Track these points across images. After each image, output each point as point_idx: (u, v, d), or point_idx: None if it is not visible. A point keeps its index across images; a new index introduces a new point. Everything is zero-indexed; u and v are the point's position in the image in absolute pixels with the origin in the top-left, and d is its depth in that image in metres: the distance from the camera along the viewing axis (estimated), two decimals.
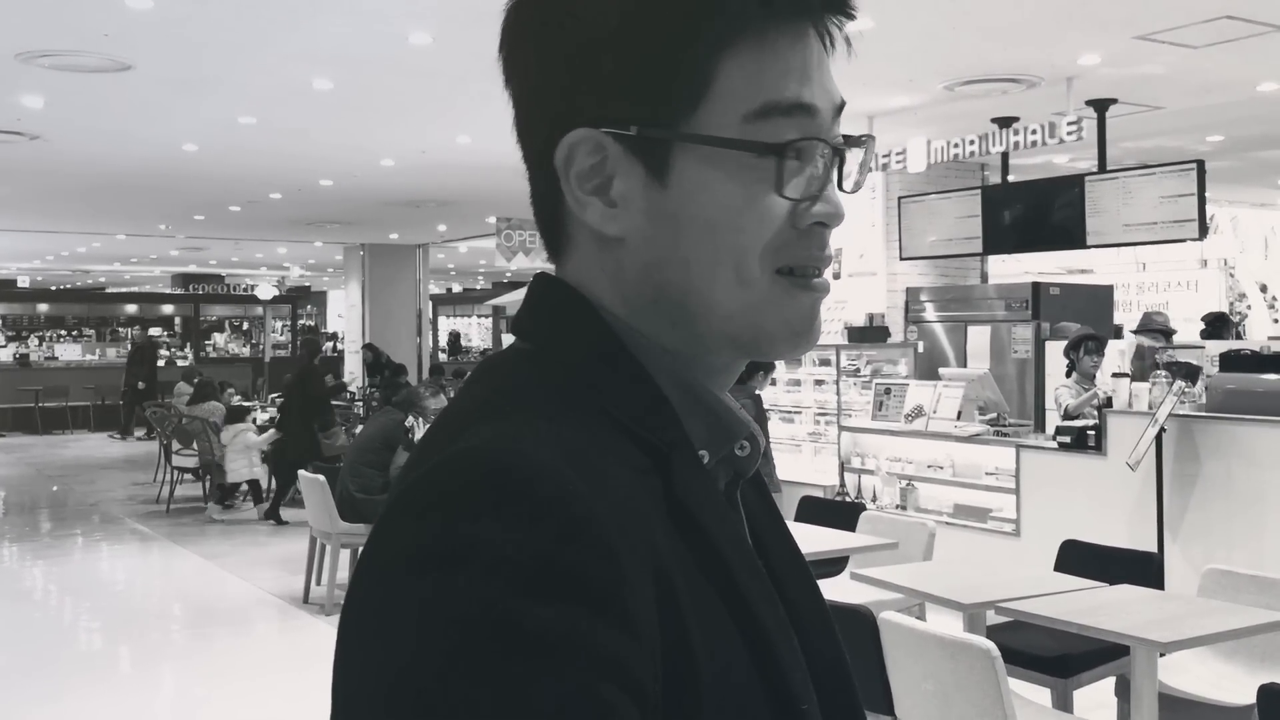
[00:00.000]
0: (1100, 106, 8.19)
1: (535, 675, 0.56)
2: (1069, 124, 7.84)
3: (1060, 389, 7.18)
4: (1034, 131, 8.11)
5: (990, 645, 3.22)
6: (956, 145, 8.63)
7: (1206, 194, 7.84)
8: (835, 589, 5.05)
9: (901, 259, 9.89)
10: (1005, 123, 8.49)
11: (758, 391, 6.91)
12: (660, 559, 0.63)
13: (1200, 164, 7.77)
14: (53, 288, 31.64)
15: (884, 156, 9.18)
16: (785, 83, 0.69)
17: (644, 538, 0.63)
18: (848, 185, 0.74)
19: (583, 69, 0.70)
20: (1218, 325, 9.42)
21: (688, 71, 0.68)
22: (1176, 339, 7.52)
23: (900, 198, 9.79)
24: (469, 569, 0.57)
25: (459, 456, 0.63)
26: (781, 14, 0.69)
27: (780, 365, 9.17)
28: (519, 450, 0.62)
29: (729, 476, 0.75)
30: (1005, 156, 8.91)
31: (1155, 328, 7.46)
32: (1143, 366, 6.46)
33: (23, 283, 29.00)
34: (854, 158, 0.74)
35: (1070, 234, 8.46)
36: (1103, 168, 8.34)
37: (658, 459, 0.68)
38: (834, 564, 5.38)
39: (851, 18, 0.72)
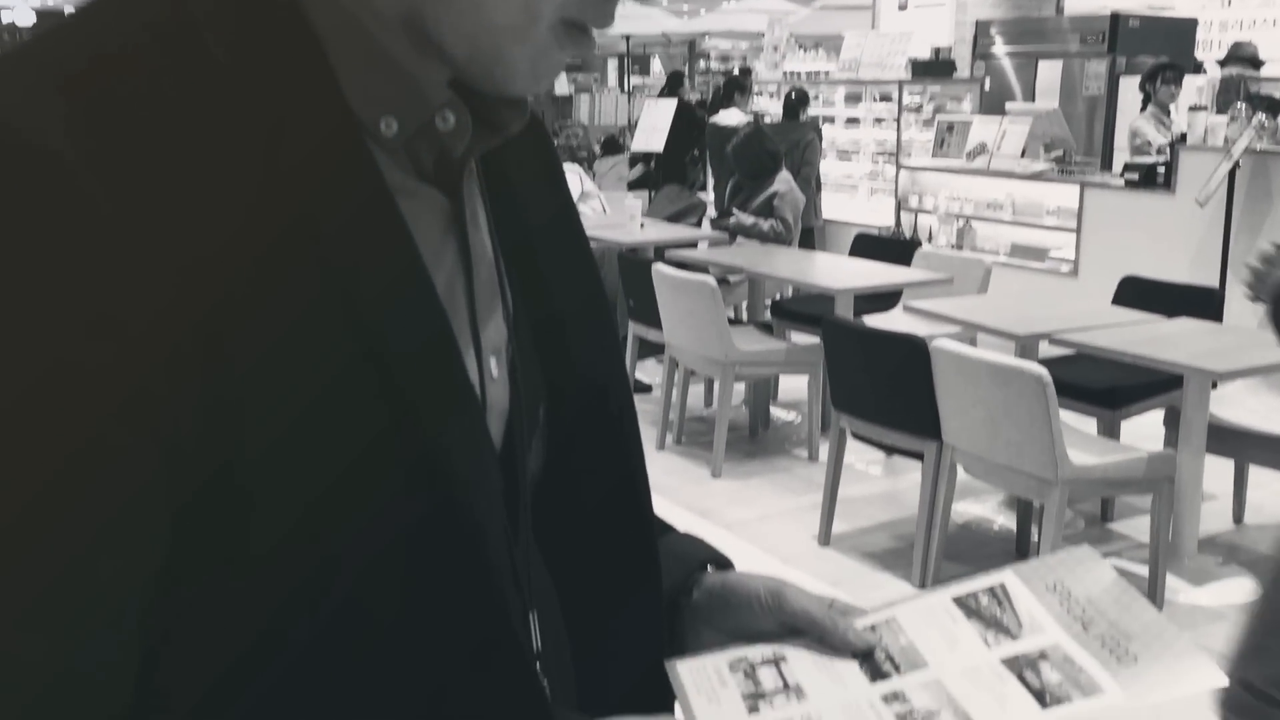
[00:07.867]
0: None
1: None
2: None
3: (1138, 121, 6.92)
4: None
5: (1042, 370, 3.21)
6: None
7: None
8: (888, 321, 5.05)
9: None
10: None
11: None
12: (216, 284, 0.52)
13: None
14: None
15: None
16: None
17: (186, 251, 0.51)
18: None
19: None
20: None
21: None
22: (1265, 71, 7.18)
23: None
24: None
25: None
26: None
27: (839, 102, 8.87)
28: (26, 124, 0.50)
29: (434, 154, 0.63)
30: None
31: (1244, 56, 7.10)
32: (1228, 100, 6.18)
33: None
34: None
35: None
36: None
37: (271, 127, 0.55)
38: (888, 298, 5.36)
39: None
